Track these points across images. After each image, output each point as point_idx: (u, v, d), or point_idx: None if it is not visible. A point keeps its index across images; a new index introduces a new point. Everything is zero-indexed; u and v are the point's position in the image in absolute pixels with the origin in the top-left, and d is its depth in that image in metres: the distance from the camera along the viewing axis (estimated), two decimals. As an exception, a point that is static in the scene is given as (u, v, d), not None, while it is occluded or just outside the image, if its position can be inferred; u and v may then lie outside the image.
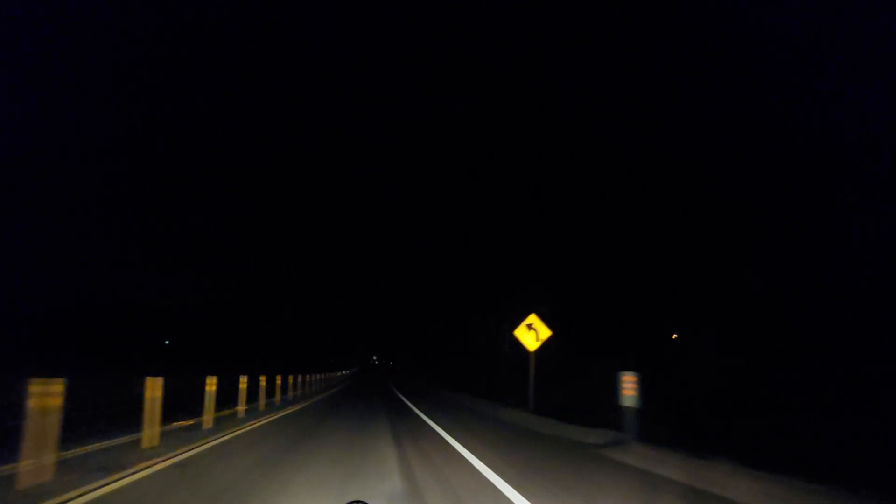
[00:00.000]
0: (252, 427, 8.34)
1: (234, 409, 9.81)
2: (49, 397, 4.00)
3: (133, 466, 4.83)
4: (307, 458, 5.60)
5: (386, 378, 47.23)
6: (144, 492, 4.16)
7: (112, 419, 7.33)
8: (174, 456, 5.50)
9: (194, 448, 6.05)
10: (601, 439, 6.79)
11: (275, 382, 13.80)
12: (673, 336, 37.86)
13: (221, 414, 9.60)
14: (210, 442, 6.56)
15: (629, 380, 6.40)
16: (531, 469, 5.35)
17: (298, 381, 18.07)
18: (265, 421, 9.35)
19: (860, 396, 11.67)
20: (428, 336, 59.53)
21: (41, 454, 3.97)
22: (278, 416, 10.34)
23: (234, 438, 7.11)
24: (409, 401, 15.87)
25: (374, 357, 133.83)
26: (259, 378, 11.95)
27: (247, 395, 10.30)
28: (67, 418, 4.50)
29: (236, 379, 10.06)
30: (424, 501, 3.88)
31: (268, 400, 12.70)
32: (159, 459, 5.25)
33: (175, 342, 48.40)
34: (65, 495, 3.77)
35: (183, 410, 8.48)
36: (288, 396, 15.71)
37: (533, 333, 10.21)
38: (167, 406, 7.46)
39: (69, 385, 4.33)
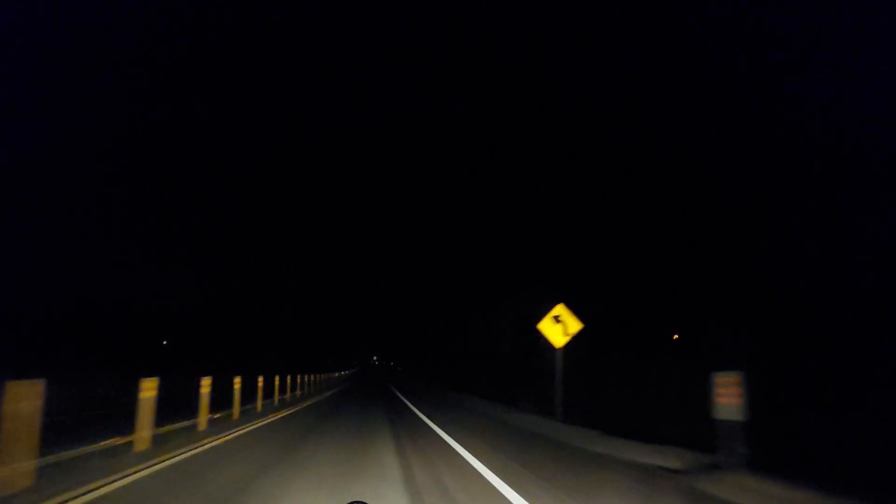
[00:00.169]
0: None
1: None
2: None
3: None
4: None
5: (386, 378, 46.99)
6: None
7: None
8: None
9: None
10: (680, 463, 5.11)
11: (272, 383, 13.57)
12: (674, 336, 37.65)
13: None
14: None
15: (730, 382, 4.85)
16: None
17: (297, 382, 17.85)
18: (260, 424, 9.13)
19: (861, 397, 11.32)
20: (428, 336, 59.38)
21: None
22: (276, 418, 10.12)
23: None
24: (414, 405, 15.08)
25: (375, 357, 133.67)
26: (257, 379, 11.73)
27: (241, 397, 10.08)
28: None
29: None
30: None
31: (265, 401, 12.47)
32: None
33: (174, 342, 48.11)
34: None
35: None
36: (286, 397, 15.49)
37: (560, 327, 8.89)
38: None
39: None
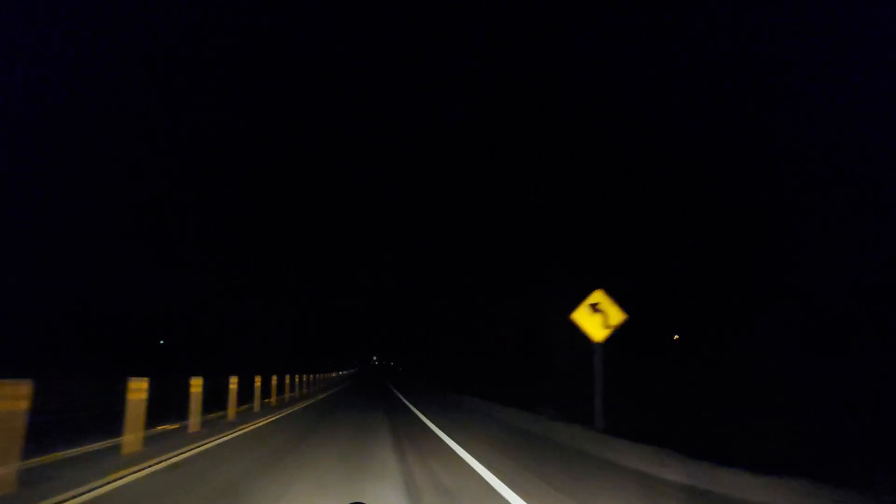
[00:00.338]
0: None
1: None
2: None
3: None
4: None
5: (386, 379, 46.81)
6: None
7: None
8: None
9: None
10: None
11: (269, 384, 13.46)
12: (675, 337, 37.51)
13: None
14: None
15: None
16: None
17: (296, 382, 17.74)
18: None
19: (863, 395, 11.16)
20: (429, 336, 59.25)
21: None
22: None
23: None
24: (422, 411, 12.80)
25: (375, 357, 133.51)
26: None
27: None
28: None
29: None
30: None
31: (263, 401, 12.37)
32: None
33: (173, 342, 47.96)
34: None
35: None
36: (284, 397, 15.39)
37: (599, 317, 7.51)
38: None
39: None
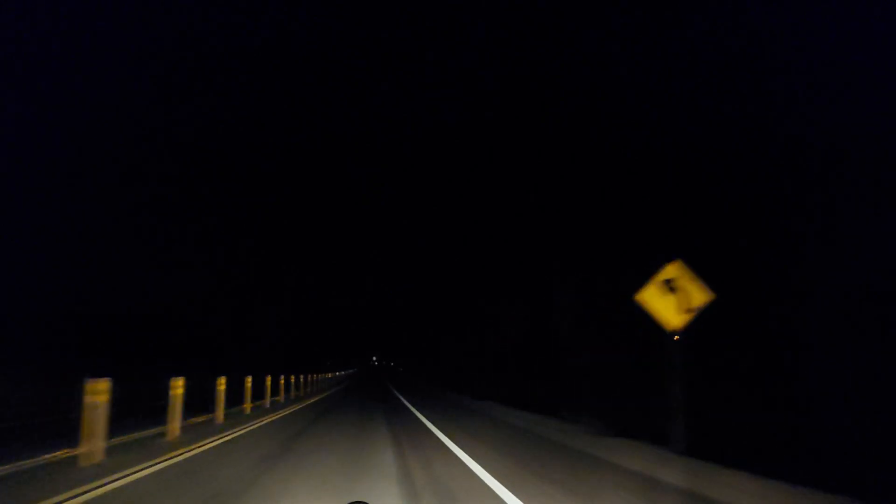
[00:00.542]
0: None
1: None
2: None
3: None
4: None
5: (386, 379, 45.95)
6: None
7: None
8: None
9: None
10: None
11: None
12: (675, 337, 36.71)
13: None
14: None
15: None
16: None
17: (293, 382, 16.91)
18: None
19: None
20: (429, 337, 58.32)
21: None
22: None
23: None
24: (428, 417, 10.18)
25: (375, 358, 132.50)
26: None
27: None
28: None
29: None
30: None
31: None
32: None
33: (171, 343, 47.03)
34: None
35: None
36: (279, 399, 14.56)
37: (674, 298, 5.56)
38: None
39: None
